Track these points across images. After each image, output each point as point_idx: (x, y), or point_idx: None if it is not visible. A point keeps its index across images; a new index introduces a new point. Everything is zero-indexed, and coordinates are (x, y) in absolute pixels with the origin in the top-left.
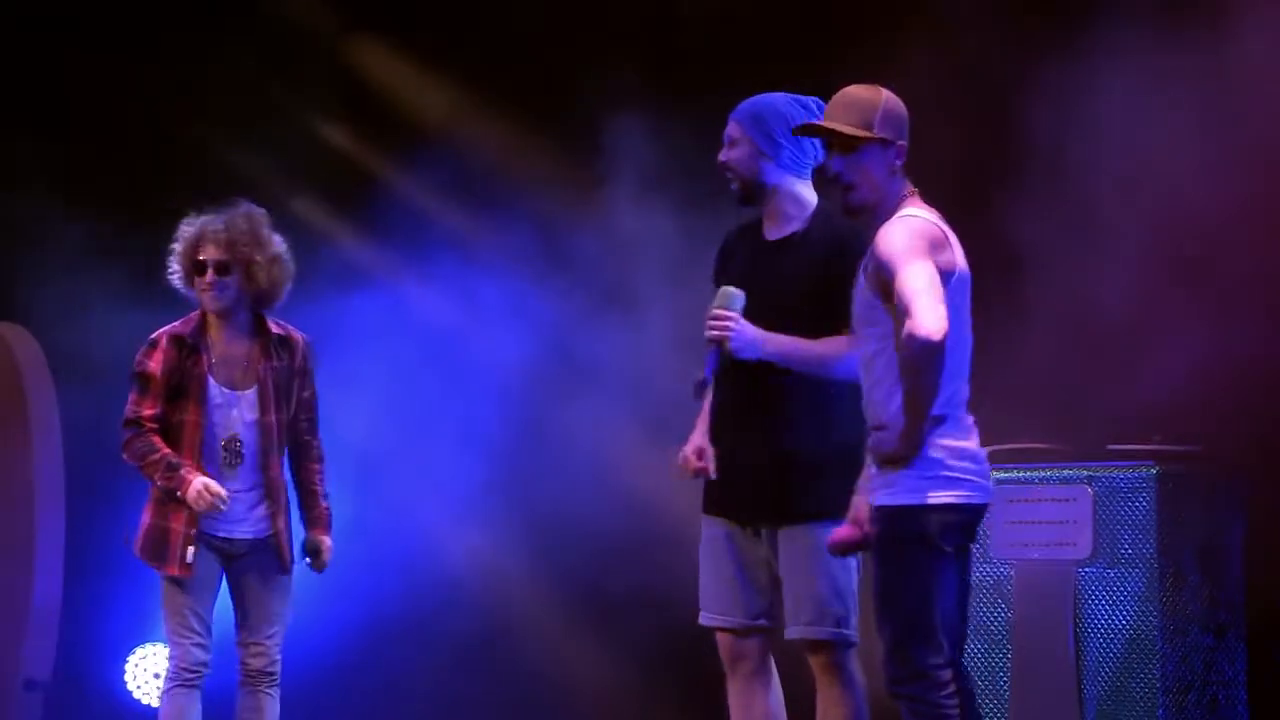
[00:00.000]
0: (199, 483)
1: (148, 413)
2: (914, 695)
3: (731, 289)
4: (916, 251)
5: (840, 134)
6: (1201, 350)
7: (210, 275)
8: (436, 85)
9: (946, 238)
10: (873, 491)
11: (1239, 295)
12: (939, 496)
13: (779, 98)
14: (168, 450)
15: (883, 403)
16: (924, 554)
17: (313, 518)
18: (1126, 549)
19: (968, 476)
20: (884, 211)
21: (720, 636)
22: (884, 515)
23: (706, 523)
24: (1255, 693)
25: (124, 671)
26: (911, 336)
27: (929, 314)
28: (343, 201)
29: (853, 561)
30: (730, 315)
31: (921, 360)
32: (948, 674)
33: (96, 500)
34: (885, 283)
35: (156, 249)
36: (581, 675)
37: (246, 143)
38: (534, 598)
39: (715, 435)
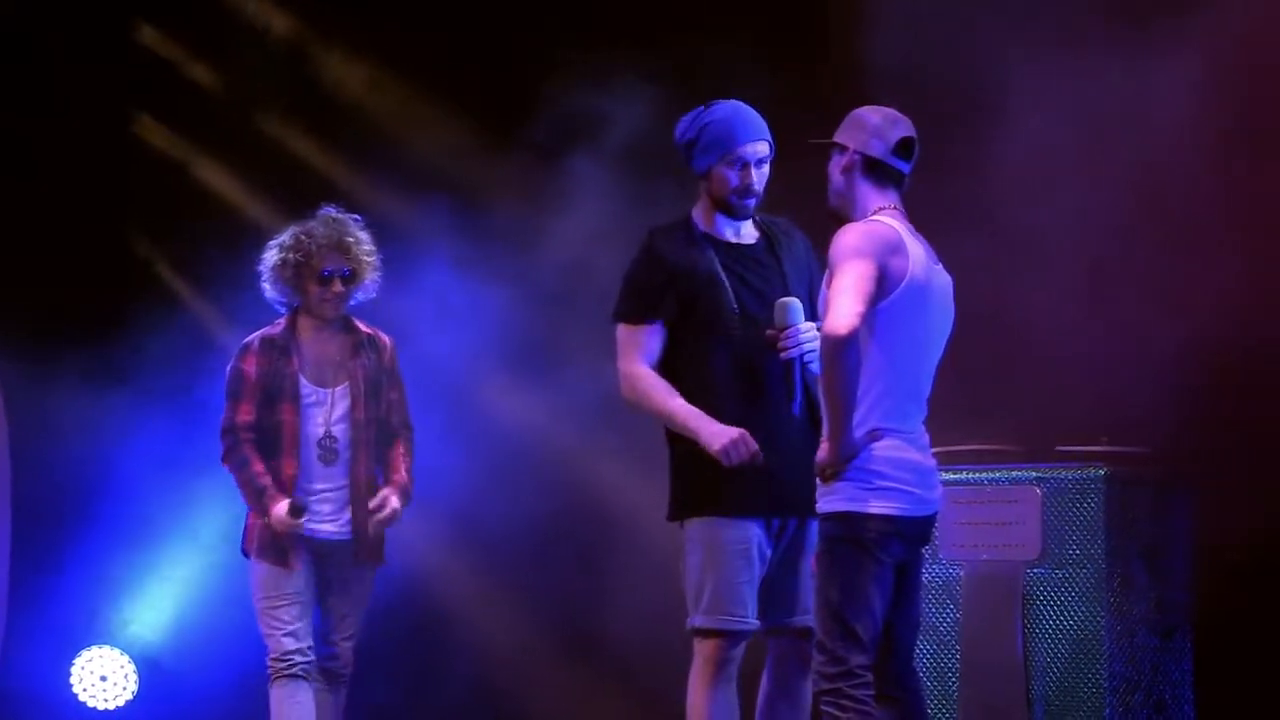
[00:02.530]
0: (281, 509)
1: (243, 419)
2: (839, 690)
3: (793, 300)
4: (858, 253)
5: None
6: (1150, 352)
7: (339, 285)
8: (390, 85)
9: (903, 244)
10: (817, 500)
11: (1187, 297)
12: (875, 506)
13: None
14: (259, 467)
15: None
16: (857, 557)
17: (391, 479)
18: (1075, 550)
19: (906, 488)
20: (853, 218)
21: (723, 639)
22: (824, 520)
23: (725, 524)
24: (1202, 693)
25: (70, 675)
26: (822, 332)
27: (838, 310)
28: (297, 203)
29: None
30: (813, 328)
31: (826, 356)
32: (870, 675)
33: (42, 502)
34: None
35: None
36: (534, 675)
37: (203, 146)
38: (484, 597)
39: (752, 434)
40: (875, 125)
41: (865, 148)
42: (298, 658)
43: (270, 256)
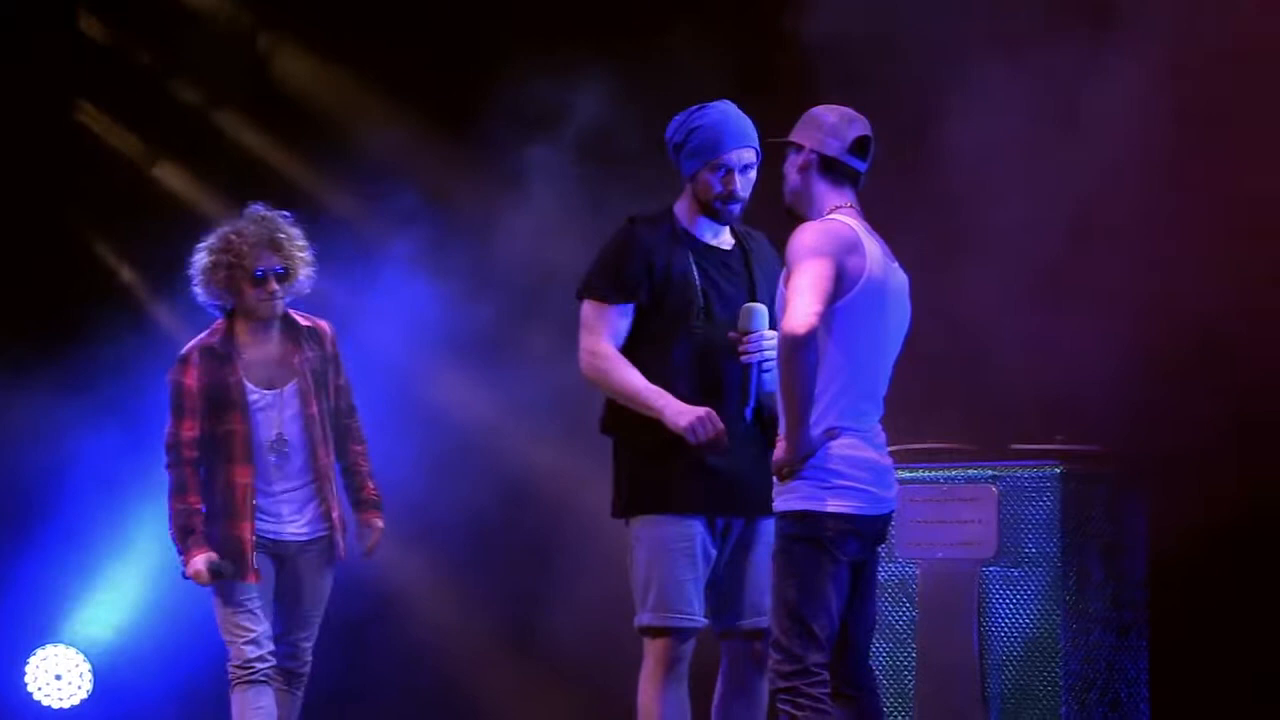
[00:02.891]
0: (201, 563)
1: (187, 435)
2: (795, 689)
3: (759, 306)
4: (816, 252)
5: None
6: (1105, 350)
7: (273, 284)
8: (346, 79)
9: (860, 242)
10: (774, 499)
11: (1141, 296)
12: (833, 505)
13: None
14: (194, 501)
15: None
16: (815, 556)
17: (361, 499)
18: (1030, 548)
19: (864, 487)
20: (810, 217)
21: (671, 637)
22: (781, 519)
23: (671, 521)
24: (1157, 691)
25: (24, 674)
26: (780, 330)
27: (796, 309)
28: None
29: None
30: (775, 336)
31: (784, 355)
32: (826, 674)
33: None
34: None
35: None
36: (483, 670)
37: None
38: (432, 591)
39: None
40: (831, 124)
41: (821, 147)
42: (259, 664)
43: (200, 260)
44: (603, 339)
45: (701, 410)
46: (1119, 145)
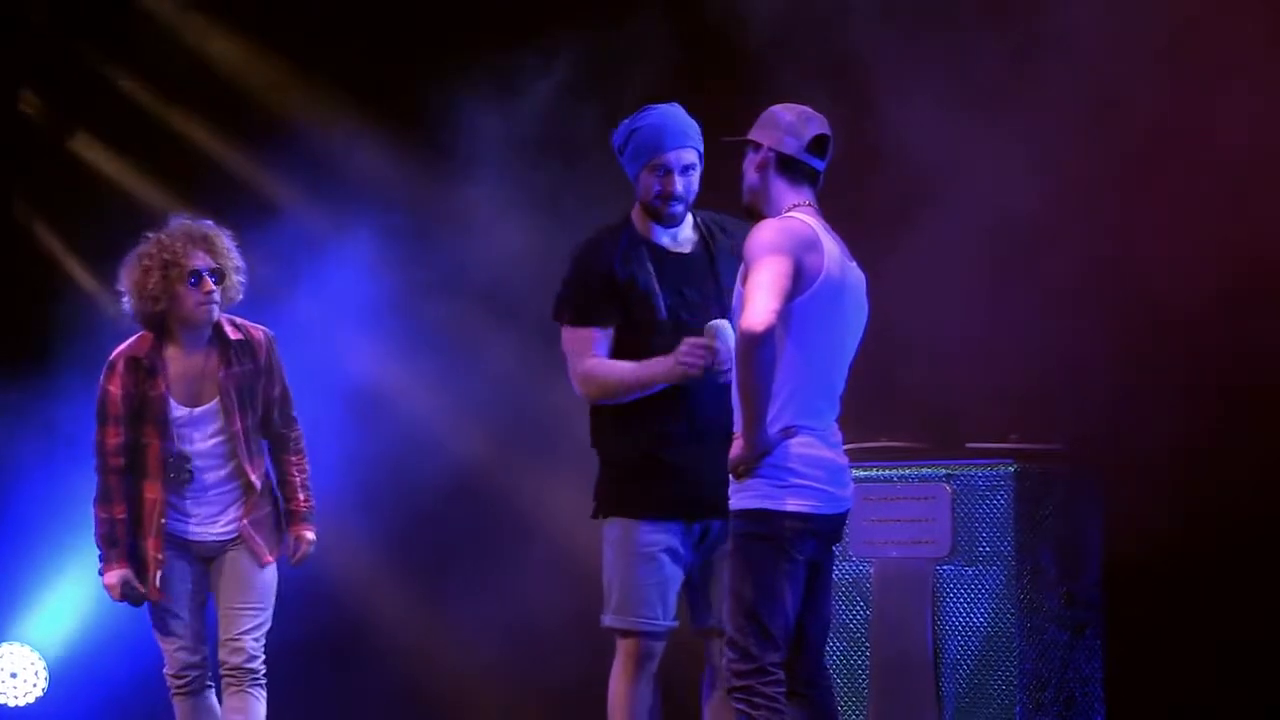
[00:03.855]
0: (115, 579)
1: (112, 442)
2: (751, 688)
3: (724, 323)
4: (774, 249)
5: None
6: (1059, 349)
7: (209, 284)
8: (284, 73)
9: (818, 240)
10: (730, 497)
11: (1098, 294)
12: (790, 504)
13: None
14: (119, 511)
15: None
16: (771, 555)
17: (290, 510)
18: (985, 547)
19: (820, 485)
20: (769, 216)
21: (637, 639)
22: (738, 517)
23: (636, 526)
24: (1112, 690)
25: None
26: (738, 328)
27: (754, 307)
28: (195, 192)
29: None
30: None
31: (742, 352)
32: (782, 673)
33: None
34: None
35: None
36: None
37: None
38: (379, 587)
39: (671, 438)
40: (789, 123)
41: (779, 145)
42: (193, 672)
43: (131, 269)
44: (588, 360)
45: (680, 349)
46: (1071, 142)
